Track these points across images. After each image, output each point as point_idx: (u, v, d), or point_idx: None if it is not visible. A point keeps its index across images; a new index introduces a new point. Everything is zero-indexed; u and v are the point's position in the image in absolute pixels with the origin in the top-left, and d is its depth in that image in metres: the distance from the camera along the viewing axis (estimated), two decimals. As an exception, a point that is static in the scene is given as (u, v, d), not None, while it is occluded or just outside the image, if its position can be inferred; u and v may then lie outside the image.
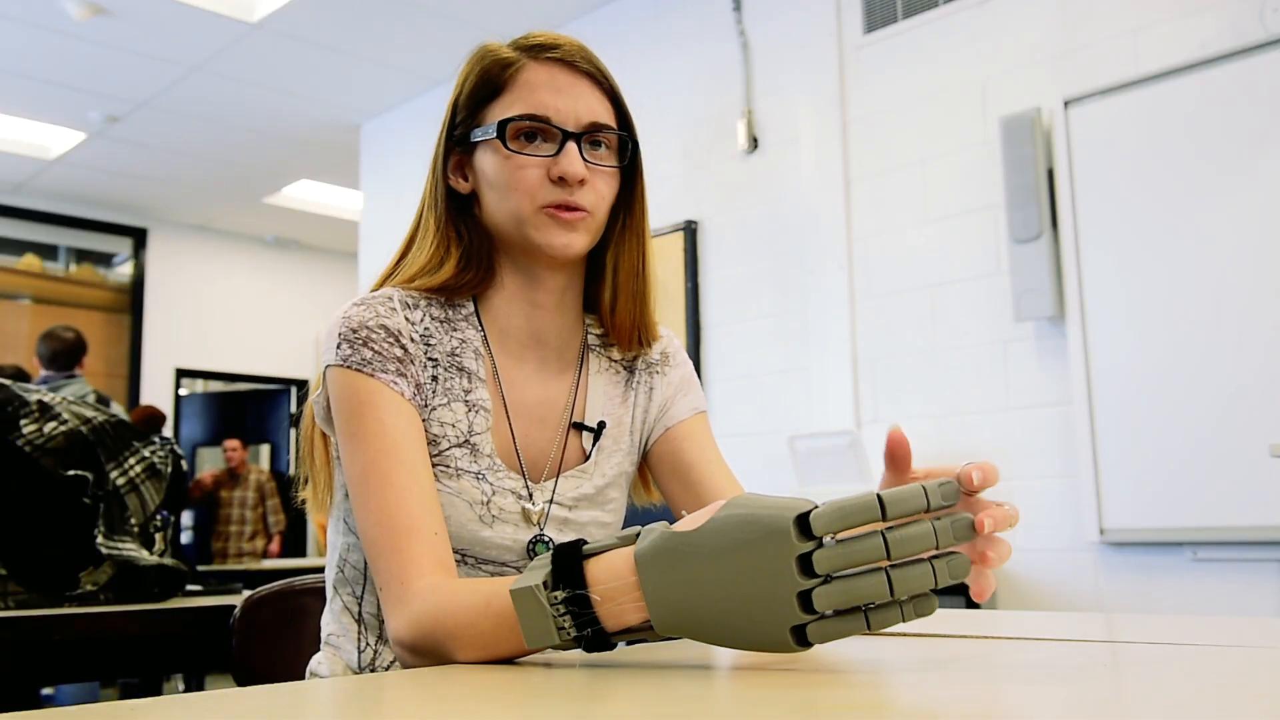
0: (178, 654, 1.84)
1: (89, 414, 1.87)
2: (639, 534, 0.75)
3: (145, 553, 1.88)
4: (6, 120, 5.84)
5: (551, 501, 1.04)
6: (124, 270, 7.45)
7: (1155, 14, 3.01)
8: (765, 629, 0.69)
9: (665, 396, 1.15)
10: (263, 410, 7.67)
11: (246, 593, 1.34)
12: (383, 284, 1.06)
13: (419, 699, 0.67)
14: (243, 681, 1.26)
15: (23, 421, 1.78)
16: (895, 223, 3.51)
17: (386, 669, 1.01)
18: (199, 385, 8.19)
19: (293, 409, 7.55)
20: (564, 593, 0.75)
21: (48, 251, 7.27)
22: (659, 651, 0.84)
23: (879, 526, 0.66)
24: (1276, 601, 2.68)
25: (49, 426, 1.80)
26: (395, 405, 0.96)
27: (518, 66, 1.02)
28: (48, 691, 4.24)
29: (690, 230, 4.05)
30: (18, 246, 7.09)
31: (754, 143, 3.91)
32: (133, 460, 1.90)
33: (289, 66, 5.07)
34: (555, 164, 0.99)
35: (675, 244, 4.05)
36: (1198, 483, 2.78)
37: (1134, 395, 2.91)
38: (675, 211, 4.11)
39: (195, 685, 3.25)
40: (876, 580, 0.66)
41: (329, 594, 1.08)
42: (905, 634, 0.91)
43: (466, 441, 1.01)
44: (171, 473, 1.97)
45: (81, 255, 7.41)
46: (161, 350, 7.39)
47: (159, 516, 1.95)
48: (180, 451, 2.07)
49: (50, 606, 1.74)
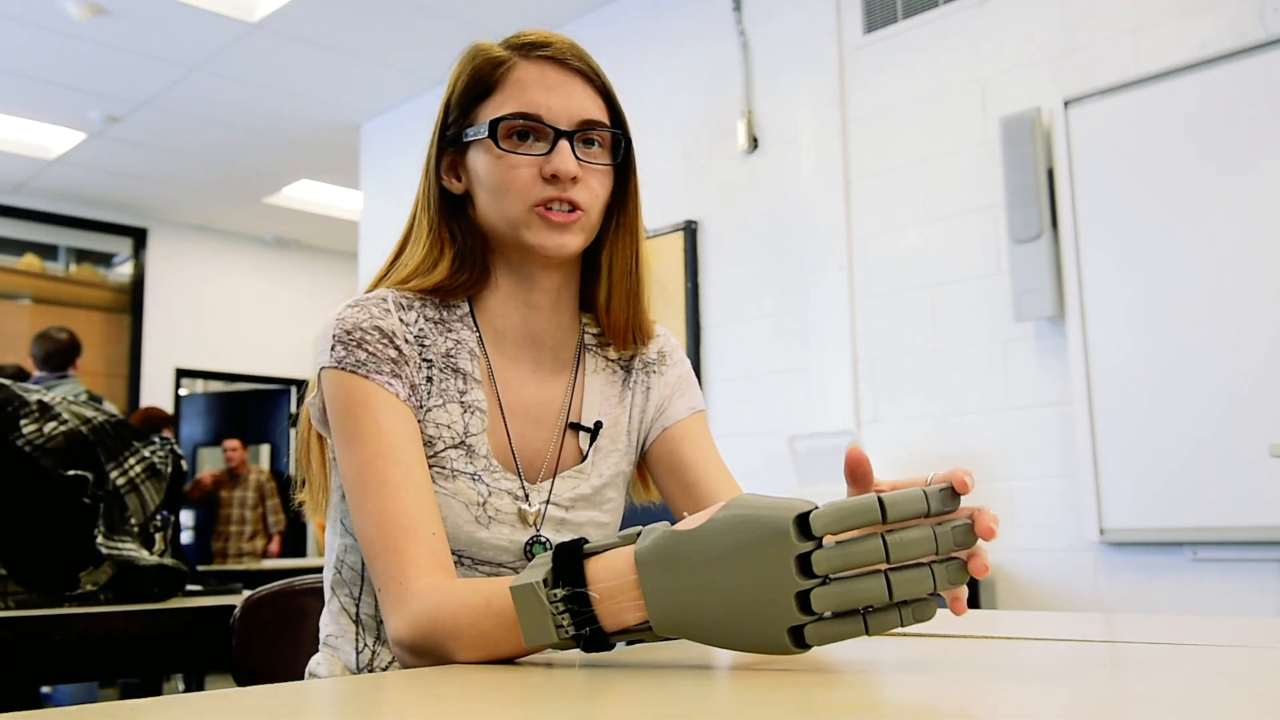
0: (178, 654, 1.84)
1: (89, 414, 1.87)
2: (640, 533, 0.75)
3: (145, 553, 1.88)
4: (6, 120, 5.84)
5: (548, 502, 1.03)
6: (124, 270, 7.45)
7: (1155, 14, 3.01)
8: (763, 630, 0.69)
9: (663, 396, 1.14)
10: (263, 410, 7.67)
11: (246, 593, 1.34)
12: (377, 285, 1.06)
13: (419, 699, 0.67)
14: (242, 681, 1.26)
15: (23, 421, 1.78)
16: (895, 223, 3.51)
17: (384, 670, 1.01)
18: (199, 385, 8.20)
19: (293, 409, 7.55)
20: (564, 590, 0.75)
21: (48, 251, 7.27)
22: (659, 651, 0.84)
23: (879, 529, 0.66)
24: (1276, 601, 2.68)
25: (49, 426, 1.80)
26: (390, 406, 0.96)
27: (509, 65, 1.02)
28: (46, 691, 4.23)
29: (690, 230, 4.04)
30: (18, 246, 7.09)
31: (754, 143, 3.91)
32: (133, 460, 1.90)
33: (289, 66, 5.07)
34: (548, 162, 0.98)
35: (675, 244, 4.05)
36: (1198, 483, 2.78)
37: (1134, 395, 2.91)
38: (675, 211, 4.11)
39: (195, 685, 3.25)
40: (875, 583, 0.66)
41: (327, 595, 1.08)
42: (904, 634, 0.91)
43: (462, 443, 1.00)
44: (171, 473, 1.97)
45: (81, 255, 7.41)
46: (161, 350, 7.39)
47: (159, 516, 1.95)
48: (180, 451, 2.07)
49: (50, 606, 1.74)
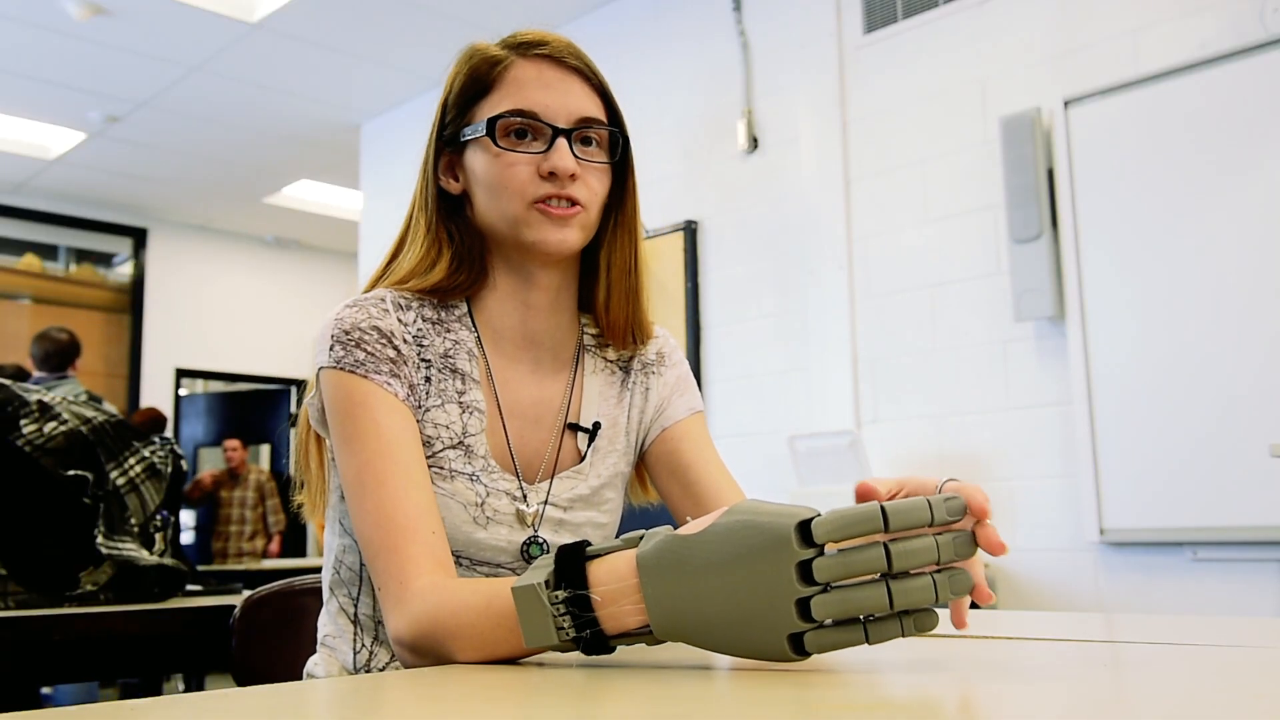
0: (178, 654, 1.84)
1: (89, 414, 1.87)
2: (642, 537, 0.75)
3: (145, 553, 1.88)
4: (6, 120, 5.84)
5: (546, 503, 1.03)
6: (124, 270, 7.45)
7: (1155, 14, 3.01)
8: (763, 636, 0.68)
9: (662, 397, 1.14)
10: (263, 410, 7.67)
11: (246, 593, 1.34)
12: (374, 285, 1.06)
13: (418, 699, 0.67)
14: (242, 681, 1.26)
15: (23, 421, 1.78)
16: (895, 223, 3.51)
17: (382, 670, 1.01)
18: (199, 385, 8.19)
19: (293, 409, 7.52)
20: (565, 592, 0.74)
21: (48, 251, 7.27)
22: (659, 651, 0.84)
23: (881, 538, 0.66)
24: (1276, 601, 2.68)
25: (49, 426, 1.80)
26: (389, 406, 0.96)
27: (506, 64, 1.02)
28: (46, 691, 4.23)
29: (690, 230, 4.04)
30: (18, 246, 7.09)
31: (754, 143, 3.91)
32: (133, 460, 1.90)
33: (289, 66, 5.07)
34: (546, 160, 0.98)
35: (675, 244, 4.05)
36: (1198, 483, 2.78)
37: (1134, 395, 2.91)
38: (675, 211, 4.11)
39: (195, 685, 3.24)
40: (876, 591, 0.66)
41: (325, 595, 1.07)
42: (905, 634, 0.91)
43: (461, 443, 1.00)
44: (171, 473, 1.97)
45: (81, 255, 7.40)
46: (161, 350, 7.39)
47: (159, 516, 1.95)
48: (180, 451, 2.06)
49: (50, 606, 1.74)
